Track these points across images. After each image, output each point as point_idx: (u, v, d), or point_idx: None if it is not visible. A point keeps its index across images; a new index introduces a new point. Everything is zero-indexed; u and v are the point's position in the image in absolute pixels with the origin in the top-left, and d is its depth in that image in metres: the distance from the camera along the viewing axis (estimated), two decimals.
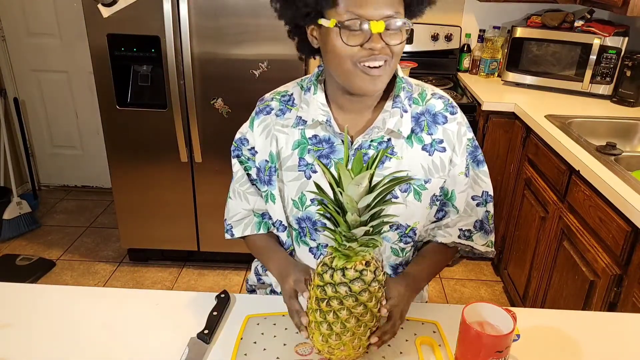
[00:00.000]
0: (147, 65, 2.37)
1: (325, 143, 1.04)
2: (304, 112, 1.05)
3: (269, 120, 1.09)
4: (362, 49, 0.91)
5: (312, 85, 1.06)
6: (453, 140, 1.06)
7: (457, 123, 1.06)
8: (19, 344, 0.96)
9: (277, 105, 1.09)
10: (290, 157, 1.06)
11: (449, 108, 1.07)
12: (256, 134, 1.10)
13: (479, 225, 1.12)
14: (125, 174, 2.54)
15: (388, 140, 1.03)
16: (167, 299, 1.09)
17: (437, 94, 1.09)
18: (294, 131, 1.06)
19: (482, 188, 1.11)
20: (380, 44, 0.90)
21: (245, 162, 1.15)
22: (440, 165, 1.05)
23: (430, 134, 1.04)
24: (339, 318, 0.84)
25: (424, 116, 1.05)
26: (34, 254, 2.85)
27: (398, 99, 1.03)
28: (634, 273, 1.45)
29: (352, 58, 0.92)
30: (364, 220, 0.81)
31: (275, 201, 1.10)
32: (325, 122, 1.03)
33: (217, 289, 2.54)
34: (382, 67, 0.93)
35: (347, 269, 0.84)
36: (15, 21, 3.17)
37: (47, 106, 3.40)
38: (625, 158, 1.82)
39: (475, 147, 1.10)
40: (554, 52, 2.54)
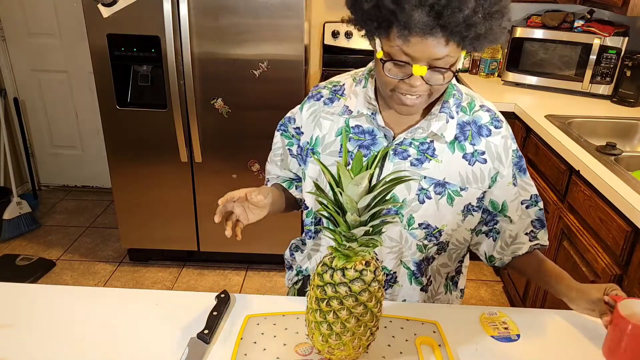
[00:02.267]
0: (147, 65, 2.37)
1: (368, 135, 1.08)
2: (352, 102, 1.09)
3: (317, 106, 1.14)
4: (403, 82, 0.93)
5: (364, 78, 1.10)
6: (497, 152, 1.08)
7: (502, 137, 1.08)
8: (19, 344, 0.96)
9: (327, 94, 1.14)
10: (333, 143, 1.11)
11: (494, 122, 1.08)
12: (304, 117, 1.16)
13: (539, 224, 1.16)
14: (125, 174, 2.54)
15: (430, 142, 1.05)
16: (167, 299, 1.09)
17: (485, 106, 1.10)
18: (340, 119, 1.10)
19: (529, 192, 1.15)
20: (419, 82, 0.92)
21: (289, 137, 1.22)
22: (480, 177, 1.07)
23: (473, 144, 1.07)
24: (339, 318, 0.84)
25: (469, 126, 1.07)
26: (34, 254, 2.85)
27: (446, 104, 1.05)
28: (634, 273, 1.45)
29: (391, 85, 0.96)
30: (364, 220, 0.81)
31: (305, 181, 1.17)
32: (370, 115, 1.06)
33: (217, 289, 2.54)
34: (419, 98, 0.96)
35: (347, 269, 0.84)
36: (15, 21, 3.17)
37: (47, 106, 3.40)
38: (625, 158, 1.82)
39: (520, 157, 1.13)
40: (554, 52, 2.54)
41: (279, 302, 1.10)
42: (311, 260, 1.25)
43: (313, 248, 1.24)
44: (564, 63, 2.52)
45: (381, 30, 0.91)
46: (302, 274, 1.30)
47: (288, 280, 1.36)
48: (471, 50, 0.93)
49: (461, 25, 0.85)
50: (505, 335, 1.01)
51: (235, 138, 2.42)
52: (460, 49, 0.91)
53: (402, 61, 0.91)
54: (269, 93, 2.34)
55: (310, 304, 0.89)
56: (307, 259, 1.27)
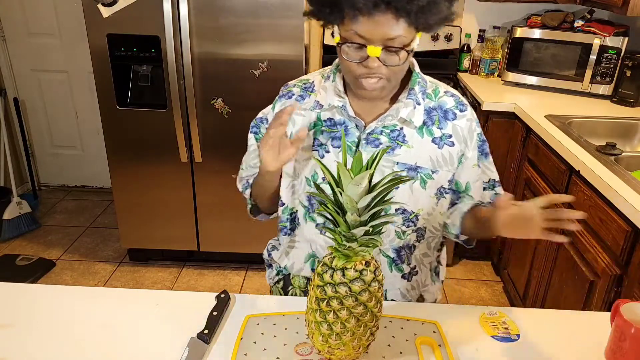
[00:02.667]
0: (147, 65, 2.37)
1: (340, 126, 1.12)
2: (322, 97, 1.13)
3: (289, 104, 1.17)
4: (361, 65, 0.98)
5: (332, 73, 1.14)
6: (464, 135, 1.12)
7: (467, 120, 1.12)
8: (19, 344, 0.96)
9: (298, 91, 1.18)
10: (307, 137, 1.13)
11: (459, 106, 1.13)
12: None
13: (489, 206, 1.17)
14: (125, 174, 2.54)
15: (400, 129, 1.09)
16: (167, 299, 1.09)
17: (449, 91, 1.15)
18: (311, 114, 1.14)
19: (489, 176, 1.19)
20: (375, 64, 0.97)
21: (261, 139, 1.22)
22: (449, 159, 1.11)
23: (440, 128, 1.11)
24: (339, 318, 0.84)
25: (435, 111, 1.11)
26: (34, 254, 2.85)
27: (412, 91, 1.09)
28: (634, 273, 1.45)
29: (352, 72, 1.00)
30: (364, 220, 0.82)
31: (282, 178, 1.19)
32: (340, 107, 1.10)
33: (217, 289, 2.54)
34: (380, 82, 1.01)
35: (347, 269, 0.84)
36: (15, 21, 3.17)
37: (47, 106, 3.40)
38: (625, 158, 1.82)
39: (483, 140, 1.17)
40: (554, 52, 2.54)
41: (279, 302, 1.10)
42: (289, 257, 1.26)
43: (289, 245, 1.26)
44: (564, 63, 2.52)
45: (335, 16, 0.96)
46: (282, 273, 1.31)
47: (269, 278, 1.37)
48: (423, 28, 0.97)
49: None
50: (505, 335, 1.01)
51: (235, 138, 2.42)
52: (414, 29, 0.96)
53: (357, 43, 0.95)
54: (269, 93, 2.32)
55: (310, 304, 0.89)
56: (285, 256, 1.27)
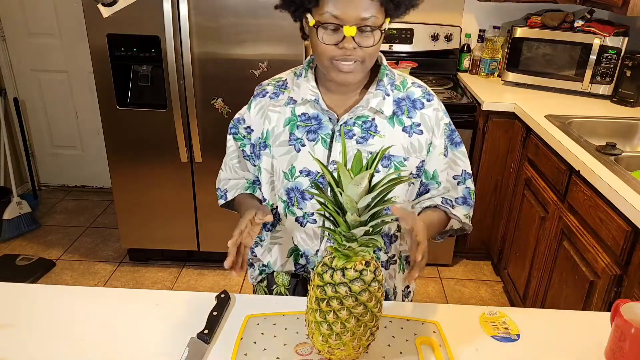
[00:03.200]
0: (147, 65, 2.37)
1: (314, 120, 1.14)
2: (295, 93, 1.16)
3: (263, 102, 1.20)
4: (337, 48, 1.01)
5: (304, 70, 1.17)
6: (431, 124, 1.15)
7: (434, 109, 1.16)
8: (19, 344, 0.96)
9: (271, 89, 1.21)
10: (282, 133, 1.16)
11: (426, 95, 1.17)
12: (252, 114, 1.21)
13: (462, 200, 1.21)
14: (125, 174, 2.54)
15: (372, 120, 1.13)
16: (167, 299, 1.09)
17: (416, 82, 1.19)
18: (286, 110, 1.16)
19: (460, 167, 1.21)
20: (352, 45, 1.00)
21: (240, 139, 1.26)
22: (418, 147, 1.14)
23: (410, 117, 1.14)
24: (339, 318, 0.84)
25: (404, 101, 1.15)
26: (34, 254, 2.85)
27: (381, 83, 1.13)
28: (634, 273, 1.45)
29: (327, 55, 1.03)
30: (364, 220, 0.82)
31: (261, 174, 1.22)
32: (313, 101, 1.13)
33: (217, 289, 2.54)
34: (354, 64, 1.03)
35: (347, 269, 0.84)
36: (15, 21, 3.17)
37: (47, 106, 3.40)
38: (625, 158, 1.82)
39: (452, 130, 1.20)
40: (554, 53, 2.54)
41: (279, 302, 1.10)
42: (272, 253, 1.27)
43: (271, 241, 1.27)
44: (564, 63, 2.53)
45: (310, 2, 1.01)
46: (265, 271, 1.31)
47: (252, 278, 1.38)
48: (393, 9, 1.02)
49: None
50: (505, 335, 1.01)
51: None
52: (384, 11, 1.01)
53: (333, 23, 0.99)
54: None
55: (310, 304, 0.89)
56: (268, 252, 1.28)
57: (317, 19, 1.01)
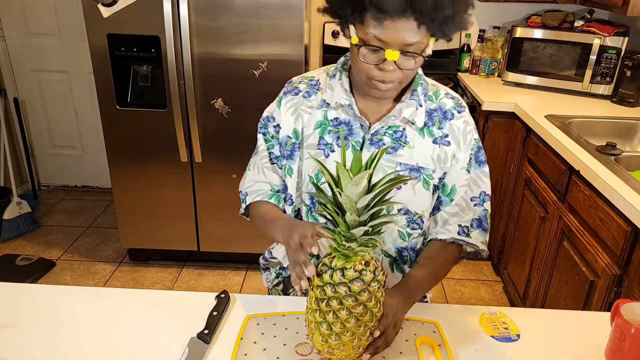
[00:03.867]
0: (147, 65, 2.37)
1: (345, 125, 1.12)
2: (328, 95, 1.13)
3: (296, 100, 1.16)
4: (376, 67, 0.98)
5: (338, 72, 1.13)
6: (458, 136, 1.12)
7: (464, 122, 1.13)
8: (19, 344, 0.96)
9: (304, 88, 1.17)
10: (312, 135, 1.13)
11: (457, 107, 1.14)
12: (282, 112, 1.17)
13: (477, 223, 1.16)
14: (125, 174, 2.53)
15: (403, 130, 1.10)
16: (167, 299, 1.09)
17: (449, 94, 1.16)
18: (318, 112, 1.13)
19: (480, 188, 1.16)
20: (392, 67, 0.97)
21: (269, 140, 1.20)
22: (444, 158, 1.12)
23: (440, 128, 1.12)
24: (339, 318, 0.84)
25: (436, 112, 1.13)
26: (34, 254, 2.85)
27: (415, 93, 1.10)
28: (634, 273, 1.45)
29: (366, 73, 1.00)
30: (363, 220, 0.81)
31: (292, 175, 1.17)
32: (347, 106, 1.10)
33: (217, 289, 2.54)
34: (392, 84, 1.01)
35: (347, 269, 0.84)
36: (15, 21, 3.17)
37: (47, 106, 3.40)
38: (625, 158, 1.82)
39: (479, 147, 1.16)
40: (554, 52, 2.54)
41: (279, 302, 1.10)
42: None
43: None
44: (564, 63, 2.52)
45: (356, 16, 0.95)
46: (282, 275, 1.29)
47: (267, 281, 1.36)
48: (440, 35, 0.98)
49: (430, 8, 0.90)
50: (505, 335, 1.01)
51: (235, 138, 2.42)
52: (430, 35, 0.97)
53: (376, 46, 0.95)
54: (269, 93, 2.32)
55: (310, 304, 0.89)
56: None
57: (361, 36, 0.97)
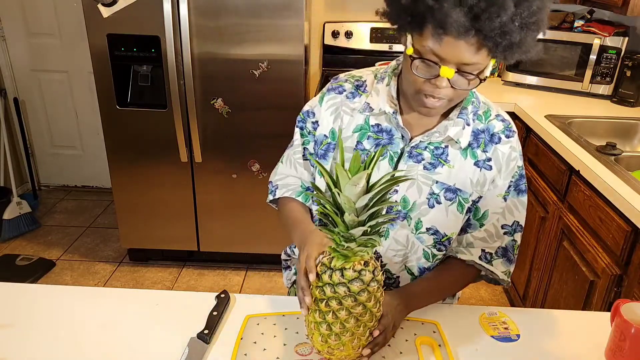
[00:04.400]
0: (147, 65, 2.37)
1: (386, 134, 1.07)
2: (373, 99, 1.07)
3: (339, 99, 1.11)
4: (428, 82, 0.92)
5: (387, 76, 1.08)
6: (501, 161, 1.07)
7: (511, 147, 1.08)
8: (19, 344, 0.96)
9: (349, 88, 1.12)
10: (349, 138, 1.09)
11: (506, 131, 1.08)
12: (323, 109, 1.13)
13: (502, 252, 1.12)
14: (125, 174, 2.53)
15: (445, 147, 1.05)
16: (167, 299, 1.09)
17: (500, 115, 1.10)
18: (359, 116, 1.08)
19: (514, 217, 1.12)
20: (444, 84, 0.91)
21: (305, 135, 1.17)
22: (482, 182, 1.07)
23: (485, 151, 1.07)
24: (338, 318, 0.84)
25: (483, 134, 1.07)
26: (34, 254, 2.85)
27: (465, 111, 1.05)
28: (634, 273, 1.45)
29: (417, 86, 0.95)
30: (362, 220, 0.81)
31: (322, 176, 1.11)
32: (391, 114, 1.05)
33: (217, 289, 2.54)
34: (441, 102, 0.95)
35: (346, 269, 0.84)
36: (15, 21, 3.17)
37: (47, 106, 3.40)
38: (625, 158, 1.82)
39: (522, 176, 1.11)
40: (554, 52, 2.54)
41: (279, 302, 1.09)
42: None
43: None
44: (564, 63, 2.52)
45: (414, 26, 0.89)
46: None
47: (287, 280, 1.35)
48: (502, 59, 0.90)
49: (496, 31, 0.83)
50: (505, 335, 1.01)
51: (235, 138, 2.42)
52: (490, 57, 0.90)
53: (431, 61, 0.89)
54: (269, 93, 2.34)
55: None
56: None
57: (417, 47, 0.90)
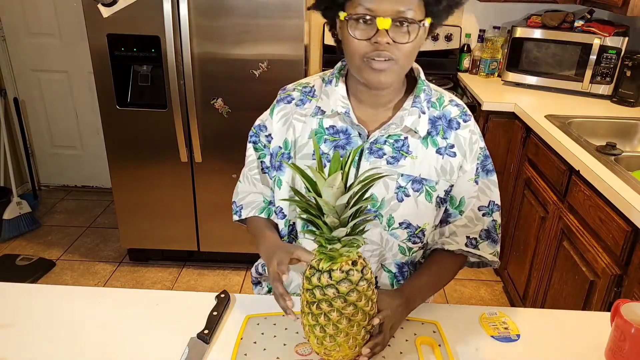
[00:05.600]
0: (147, 65, 2.37)
1: (342, 134, 1.06)
2: (324, 102, 1.07)
3: (288, 109, 1.11)
4: (369, 43, 0.93)
5: (334, 77, 1.08)
6: (464, 147, 1.07)
7: (470, 131, 1.08)
8: (19, 344, 0.96)
9: (298, 96, 1.12)
10: (306, 145, 1.08)
11: (463, 115, 1.09)
12: (274, 121, 1.13)
13: (485, 235, 1.12)
14: (125, 174, 2.53)
15: (405, 139, 1.05)
16: (167, 299, 1.09)
17: (454, 100, 1.11)
18: (312, 120, 1.08)
19: (489, 198, 1.12)
20: (385, 39, 0.91)
21: (261, 149, 1.17)
22: (449, 170, 1.07)
23: (445, 138, 1.07)
24: (330, 320, 0.84)
25: (440, 120, 1.07)
26: (34, 254, 2.85)
27: (418, 99, 1.05)
28: (634, 273, 1.45)
29: (359, 52, 0.95)
30: (344, 221, 0.81)
31: (281, 187, 1.12)
32: (343, 113, 1.05)
33: (217, 289, 2.54)
34: (388, 62, 0.94)
35: (333, 270, 0.84)
36: (15, 21, 3.17)
37: (47, 106, 3.40)
38: (625, 158, 1.82)
39: (486, 156, 1.11)
40: (554, 52, 2.54)
41: None
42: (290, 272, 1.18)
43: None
44: (564, 63, 2.52)
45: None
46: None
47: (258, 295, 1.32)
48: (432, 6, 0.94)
49: None
50: (505, 335, 1.01)
51: (235, 138, 2.42)
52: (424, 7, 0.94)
53: (366, 14, 0.91)
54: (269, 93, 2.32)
55: (302, 307, 0.89)
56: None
57: (350, 12, 0.93)
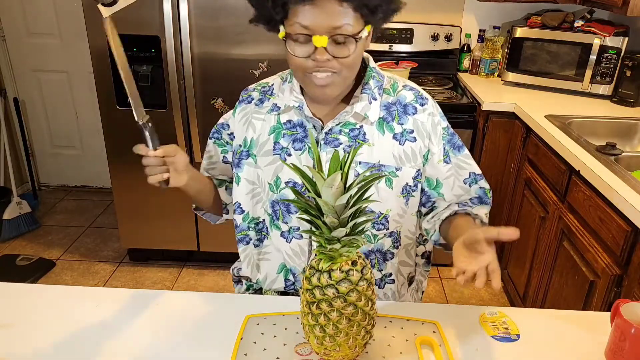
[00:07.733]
0: (147, 65, 2.37)
1: (299, 127, 1.09)
2: (279, 99, 1.11)
3: (248, 109, 1.15)
4: (310, 59, 0.95)
5: (289, 74, 1.12)
6: (427, 130, 1.09)
7: (429, 114, 1.09)
8: (20, 344, 0.96)
9: (257, 96, 1.16)
10: (267, 142, 1.11)
11: (418, 99, 1.10)
12: (236, 120, 1.17)
13: (477, 201, 1.16)
14: (125, 174, 2.54)
15: (360, 127, 1.06)
16: (167, 299, 1.09)
17: (408, 85, 1.12)
18: (270, 117, 1.11)
19: (467, 170, 1.14)
20: (324, 57, 0.93)
21: (223, 145, 1.23)
22: (412, 155, 1.08)
23: (400, 123, 1.08)
24: (330, 320, 0.84)
25: (395, 106, 1.08)
26: (34, 254, 2.85)
27: (367, 86, 1.06)
28: (634, 273, 1.45)
29: (301, 68, 0.97)
30: (343, 221, 0.81)
31: (239, 183, 1.16)
32: (297, 107, 1.07)
33: (217, 289, 2.54)
34: (331, 77, 0.97)
35: (333, 270, 0.84)
36: (15, 21, 3.17)
37: (47, 106, 3.40)
38: (625, 158, 1.82)
39: (452, 134, 1.13)
40: (554, 52, 2.54)
41: (279, 302, 1.09)
42: (260, 270, 1.21)
43: (260, 257, 1.20)
44: (564, 63, 2.52)
45: (278, 10, 0.93)
46: (252, 287, 1.26)
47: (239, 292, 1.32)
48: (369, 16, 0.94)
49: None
50: (505, 335, 1.01)
51: None
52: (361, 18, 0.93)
53: (302, 34, 0.92)
54: None
55: (302, 307, 0.89)
56: (256, 269, 1.22)
57: (287, 30, 0.94)
